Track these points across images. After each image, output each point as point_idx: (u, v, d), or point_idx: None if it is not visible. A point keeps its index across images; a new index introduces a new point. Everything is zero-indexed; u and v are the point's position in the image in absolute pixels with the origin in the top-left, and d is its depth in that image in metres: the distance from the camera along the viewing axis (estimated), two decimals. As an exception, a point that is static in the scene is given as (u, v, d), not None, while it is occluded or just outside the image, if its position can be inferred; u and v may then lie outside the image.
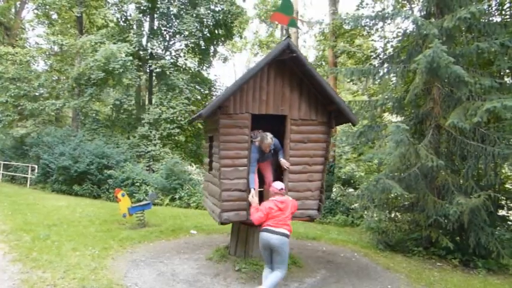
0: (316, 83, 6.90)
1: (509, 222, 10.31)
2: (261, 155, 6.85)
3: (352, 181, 16.97)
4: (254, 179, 6.61)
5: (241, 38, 29.50)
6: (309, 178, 7.12)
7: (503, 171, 10.83)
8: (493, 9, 11.05)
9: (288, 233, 5.71)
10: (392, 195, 9.96)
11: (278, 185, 6.09)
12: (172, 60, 23.90)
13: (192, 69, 25.72)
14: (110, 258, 7.60)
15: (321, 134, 7.21)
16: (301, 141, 7.06)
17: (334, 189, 16.91)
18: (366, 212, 11.06)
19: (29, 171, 20.70)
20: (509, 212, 10.45)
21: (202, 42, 24.09)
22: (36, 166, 20.57)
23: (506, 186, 11.09)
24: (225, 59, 29.49)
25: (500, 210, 10.38)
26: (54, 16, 27.17)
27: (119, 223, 10.99)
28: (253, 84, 6.81)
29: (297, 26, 7.75)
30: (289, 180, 6.99)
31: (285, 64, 6.94)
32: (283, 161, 6.93)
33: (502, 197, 10.25)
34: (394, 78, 11.36)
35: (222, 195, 6.61)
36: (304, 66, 6.84)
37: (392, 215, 10.71)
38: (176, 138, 22.33)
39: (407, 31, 10.86)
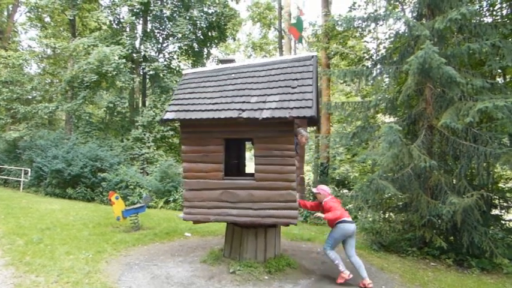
0: None
1: (503, 222, 10.36)
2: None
3: (346, 182, 17.00)
4: None
5: (234, 40, 29.51)
6: None
7: (496, 170, 10.89)
8: (484, 10, 11.14)
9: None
10: (386, 195, 10.00)
11: (326, 188, 7.30)
12: (165, 63, 23.88)
13: (187, 71, 25.62)
14: (104, 261, 7.57)
15: None
16: None
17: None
18: (360, 213, 11.08)
19: (22, 175, 20.58)
20: (502, 211, 10.51)
21: (195, 45, 24.08)
22: (29, 169, 20.45)
23: (499, 185, 11.15)
24: (219, 61, 29.51)
25: (493, 210, 10.43)
26: (47, 19, 27.11)
27: (113, 226, 10.94)
28: None
29: (302, 42, 8.34)
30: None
31: None
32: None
33: (495, 197, 10.30)
34: (386, 79, 11.42)
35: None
36: None
37: (386, 215, 10.74)
38: (170, 140, 22.28)
39: (400, 32, 10.92)
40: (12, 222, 10.69)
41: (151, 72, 21.86)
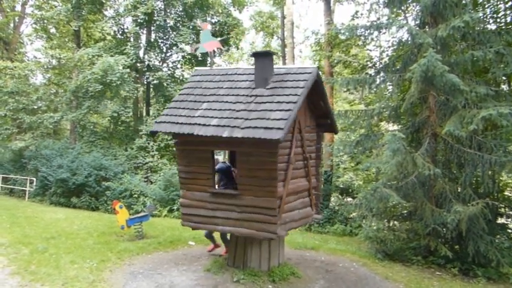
0: None
1: (509, 230, 10.29)
2: None
3: (350, 190, 16.95)
4: None
5: (237, 49, 29.58)
6: None
7: (501, 178, 10.83)
8: (488, 17, 11.15)
9: None
10: (390, 204, 9.95)
11: None
12: (169, 72, 23.98)
13: (190, 80, 25.74)
14: (108, 270, 7.56)
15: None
16: None
17: (332, 199, 16.88)
18: (364, 221, 11.04)
19: (28, 184, 20.63)
20: (509, 219, 10.44)
21: (199, 54, 24.20)
22: (34, 179, 20.51)
23: (505, 193, 11.09)
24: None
25: (499, 218, 10.36)
26: (52, 30, 27.39)
27: (117, 235, 10.94)
28: None
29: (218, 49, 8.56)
30: None
31: None
32: None
33: (501, 205, 10.24)
34: (390, 87, 11.45)
35: None
36: None
37: (391, 224, 10.71)
38: (174, 149, 22.28)
39: (402, 40, 10.95)
40: (17, 232, 10.71)
41: (155, 82, 21.96)
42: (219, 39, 8.53)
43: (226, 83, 7.61)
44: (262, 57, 7.42)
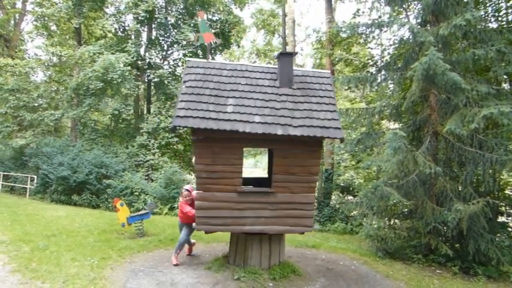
0: None
1: (509, 229, 10.29)
2: None
3: (351, 188, 16.95)
4: None
5: (238, 46, 29.59)
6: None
7: (502, 177, 10.83)
8: (489, 15, 11.12)
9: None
10: (390, 202, 9.95)
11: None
12: (170, 70, 23.97)
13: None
14: (109, 268, 7.58)
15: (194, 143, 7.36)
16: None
17: (333, 197, 16.89)
18: (364, 220, 11.06)
19: (28, 182, 20.65)
20: (509, 218, 10.44)
21: (200, 52, 24.19)
22: (35, 176, 20.53)
23: (506, 192, 11.08)
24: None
25: (499, 217, 10.37)
26: (53, 27, 27.33)
27: (118, 233, 10.95)
28: None
29: (215, 41, 8.42)
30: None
31: None
32: None
33: (501, 203, 10.25)
34: (391, 86, 11.43)
35: None
36: None
37: (391, 222, 10.71)
38: (175, 147, 22.31)
39: (404, 38, 10.93)
40: (18, 229, 10.73)
41: (156, 79, 21.94)
42: (212, 31, 8.59)
43: (242, 79, 7.50)
44: (288, 58, 7.73)
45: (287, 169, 7.08)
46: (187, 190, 8.34)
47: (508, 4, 10.91)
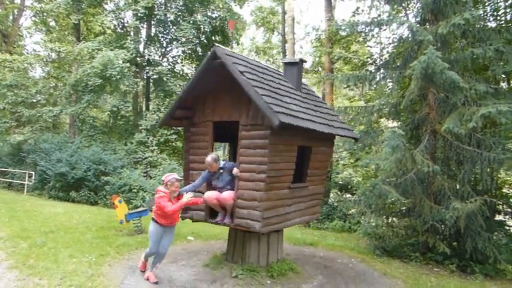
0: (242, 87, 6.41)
1: (507, 227, 10.33)
2: (214, 178, 7.01)
3: (349, 186, 16.97)
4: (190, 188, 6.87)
5: (238, 44, 29.53)
6: (255, 187, 6.54)
7: (499, 176, 10.86)
8: (488, 15, 11.13)
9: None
10: (389, 200, 9.99)
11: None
12: (169, 67, 23.91)
13: (189, 75, 25.75)
14: (107, 265, 7.58)
15: (266, 139, 6.47)
16: (248, 147, 6.65)
17: (331, 195, 16.91)
18: (363, 218, 11.07)
19: (26, 178, 20.63)
20: (506, 217, 10.48)
21: (199, 49, 24.13)
22: (33, 173, 20.51)
23: (503, 191, 11.12)
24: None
25: (497, 215, 10.40)
26: (52, 23, 27.26)
27: (116, 230, 10.95)
28: (211, 92, 7.18)
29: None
30: (239, 187, 6.71)
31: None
32: (234, 169, 6.77)
33: (499, 202, 10.27)
34: (390, 84, 11.44)
35: None
36: (230, 71, 6.47)
37: (389, 220, 10.73)
38: (173, 144, 22.30)
39: (403, 37, 10.93)
40: (16, 225, 10.72)
41: (155, 76, 21.90)
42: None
43: (270, 77, 7.26)
44: (301, 63, 8.36)
45: (316, 164, 7.74)
46: (177, 180, 6.51)
47: (507, 3, 10.92)
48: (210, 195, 6.85)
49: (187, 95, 7.19)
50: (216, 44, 6.86)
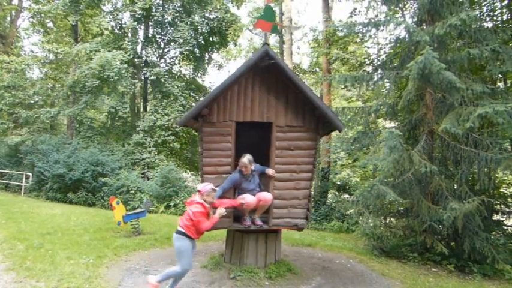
0: (299, 89, 6.88)
1: (504, 227, 10.33)
2: (245, 180, 6.95)
3: (347, 187, 16.99)
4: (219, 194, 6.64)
5: (235, 45, 29.61)
6: (296, 186, 7.06)
7: (497, 175, 10.87)
8: (484, 15, 11.17)
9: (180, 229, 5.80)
10: (386, 201, 9.98)
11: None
12: (167, 68, 23.95)
13: (187, 76, 25.82)
14: (104, 266, 7.55)
15: (308, 141, 7.09)
16: (287, 148, 7.02)
17: (329, 195, 16.92)
18: (361, 218, 11.07)
19: (24, 179, 20.60)
20: (504, 216, 10.48)
21: (197, 50, 24.17)
22: (30, 174, 20.48)
23: (501, 190, 11.13)
24: (220, 66, 29.80)
25: (495, 215, 10.41)
26: (50, 24, 27.27)
27: (114, 231, 10.94)
28: (237, 91, 7.00)
29: (278, 31, 7.98)
30: (275, 188, 7.02)
31: (269, 71, 6.97)
32: (268, 170, 6.99)
33: (497, 202, 10.28)
34: (387, 85, 11.44)
35: None
36: (285, 73, 6.85)
37: (387, 220, 10.73)
38: (171, 145, 22.32)
39: (400, 38, 10.96)
40: (13, 227, 10.69)
41: (152, 77, 21.94)
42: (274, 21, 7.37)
43: None
44: None
45: None
46: (213, 190, 6.01)
47: (503, 4, 10.95)
48: (252, 198, 6.85)
49: (221, 93, 6.92)
50: (266, 43, 7.01)
